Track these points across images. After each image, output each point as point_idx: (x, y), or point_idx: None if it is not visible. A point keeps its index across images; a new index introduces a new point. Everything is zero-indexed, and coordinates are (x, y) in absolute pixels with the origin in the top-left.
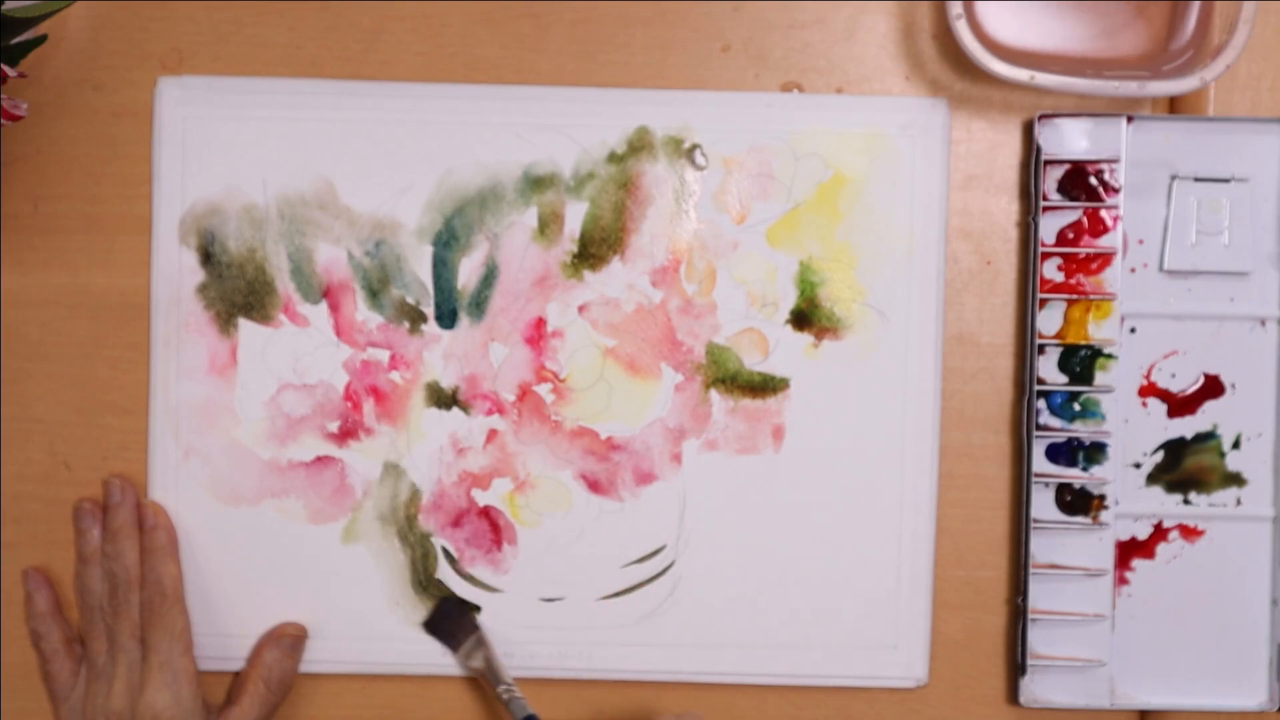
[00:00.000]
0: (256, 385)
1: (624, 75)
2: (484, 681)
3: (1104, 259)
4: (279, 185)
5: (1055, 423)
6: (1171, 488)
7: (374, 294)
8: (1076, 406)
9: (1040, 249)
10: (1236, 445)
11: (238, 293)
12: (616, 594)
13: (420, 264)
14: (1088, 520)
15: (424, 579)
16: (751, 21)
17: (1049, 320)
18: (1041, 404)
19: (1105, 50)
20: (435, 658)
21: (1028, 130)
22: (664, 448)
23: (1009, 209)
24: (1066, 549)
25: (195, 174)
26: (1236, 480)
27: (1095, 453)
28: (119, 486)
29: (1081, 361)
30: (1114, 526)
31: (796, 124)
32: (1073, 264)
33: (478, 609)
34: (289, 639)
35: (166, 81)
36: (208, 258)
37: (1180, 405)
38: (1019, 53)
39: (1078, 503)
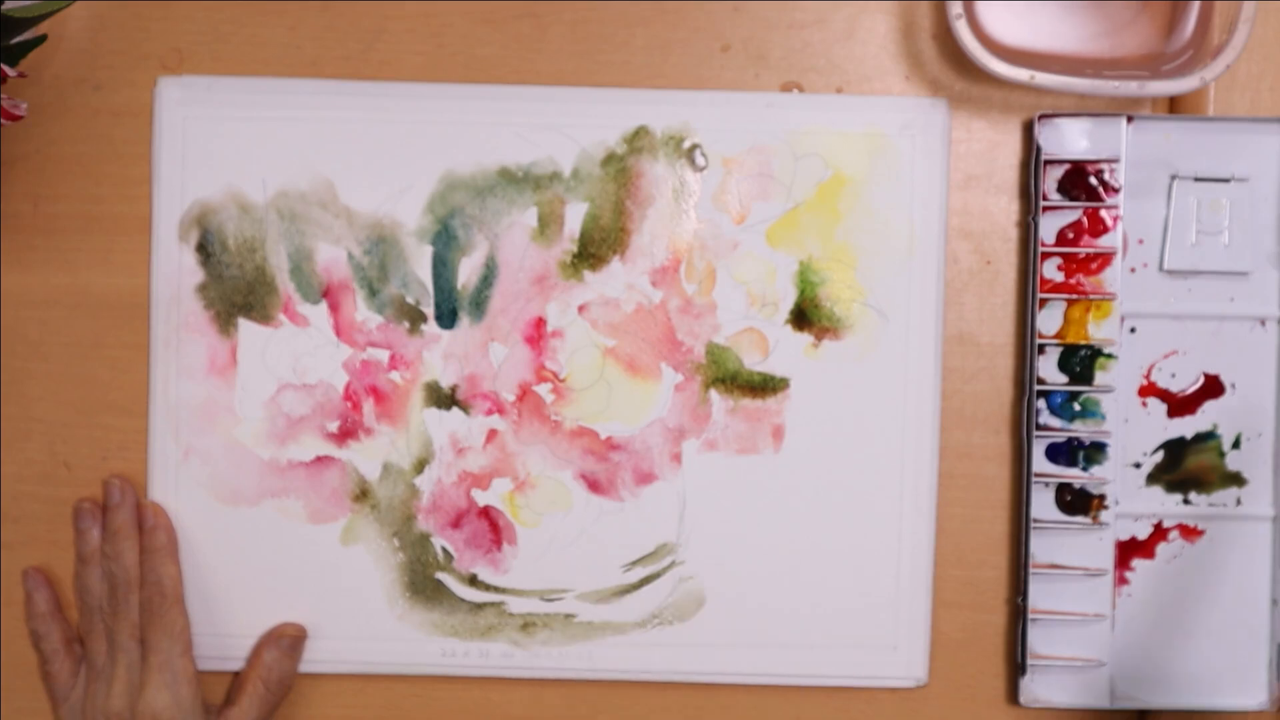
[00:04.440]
0: (256, 385)
1: (624, 75)
2: None
3: (1104, 259)
4: (279, 185)
5: (1055, 423)
6: (1171, 488)
7: (374, 294)
8: (1076, 406)
9: (1040, 249)
10: (1236, 445)
11: (237, 292)
12: (617, 594)
13: (420, 264)
14: (1088, 520)
15: (423, 579)
16: (751, 21)
17: (1049, 320)
18: (1041, 404)
19: (1105, 50)
20: (435, 658)
21: (1028, 130)
22: (664, 448)
23: (1009, 209)
24: (1066, 549)
25: (195, 174)
26: (1236, 480)
27: (1095, 453)
28: (119, 487)
29: (1081, 361)
30: (1114, 526)
31: (796, 124)
32: (1073, 264)
33: None
34: (288, 639)
35: (166, 81)
36: (208, 257)
37: (1180, 405)
38: (1019, 53)
39: (1078, 503)
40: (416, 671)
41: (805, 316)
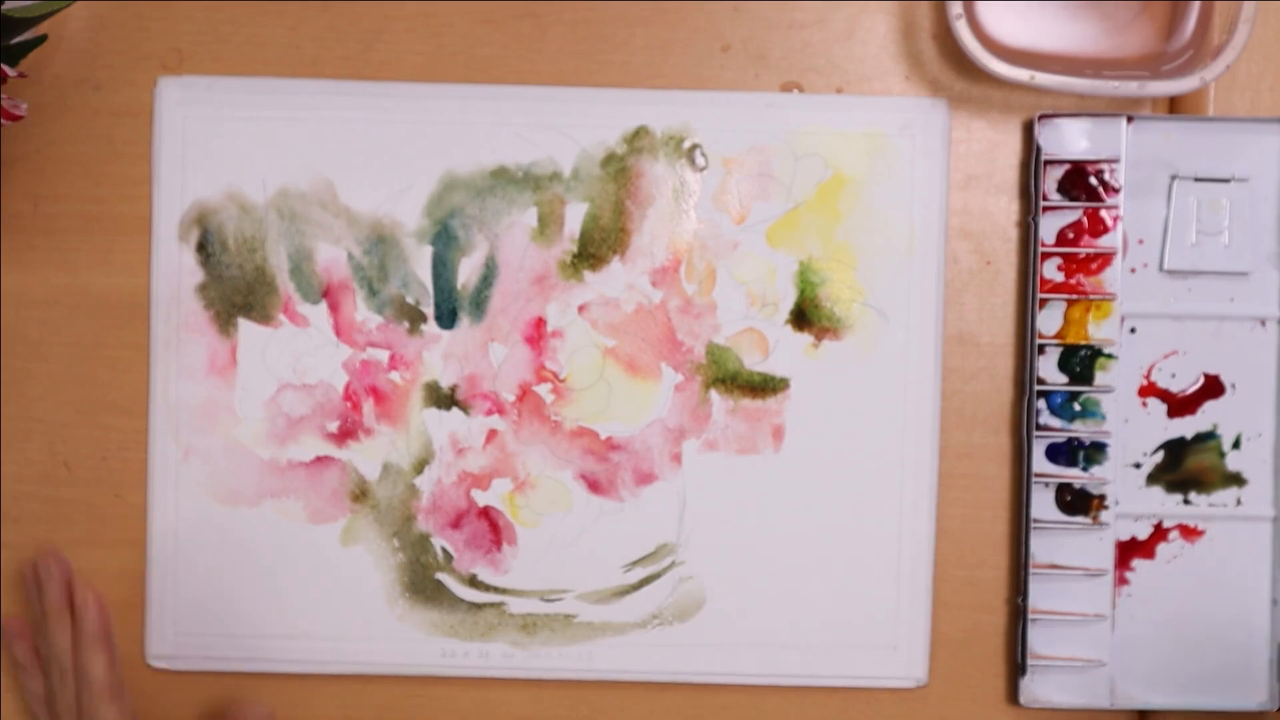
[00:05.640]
0: (256, 385)
1: (624, 75)
2: None
3: (1104, 259)
4: (279, 185)
5: (1055, 423)
6: (1171, 488)
7: (374, 294)
8: (1076, 406)
9: (1040, 249)
10: (1236, 445)
11: (237, 293)
12: (617, 594)
13: (420, 264)
14: (1088, 520)
15: (423, 580)
16: (751, 21)
17: (1049, 320)
18: (1041, 404)
19: (1105, 50)
20: (435, 658)
21: (1028, 130)
22: (664, 448)
23: (1009, 209)
24: (1066, 549)
25: (195, 174)
26: (1236, 480)
27: (1095, 453)
28: (50, 564)
29: (1081, 361)
30: (1114, 526)
31: (796, 124)
32: (1073, 264)
33: None
34: None
35: (166, 81)
36: (208, 257)
37: (1180, 405)
38: (1019, 53)
39: (1078, 503)
40: (416, 672)
41: (805, 316)
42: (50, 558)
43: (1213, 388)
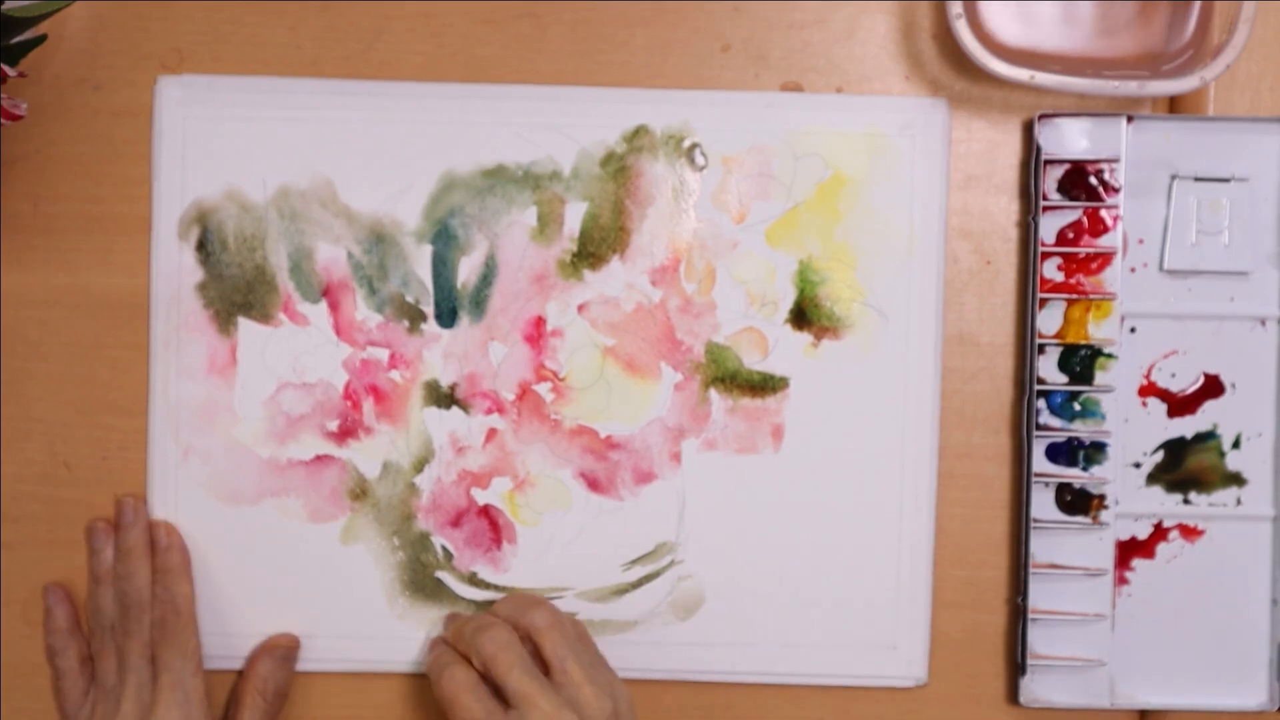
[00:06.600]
0: (256, 384)
1: (624, 75)
2: None
3: (1104, 259)
4: (279, 184)
5: (1055, 422)
6: (1171, 487)
7: (374, 293)
8: (1076, 406)
9: (1040, 249)
10: (1236, 445)
11: (237, 292)
12: (616, 593)
13: (420, 263)
14: (1088, 520)
15: (423, 578)
16: (751, 21)
17: (1049, 320)
18: (1041, 404)
19: (1105, 50)
20: None
21: (1028, 130)
22: (663, 447)
23: (1009, 209)
24: (1066, 549)
25: (195, 174)
26: (1236, 480)
27: (1095, 452)
28: (131, 506)
29: (1081, 361)
30: (1114, 526)
31: (796, 124)
32: (1073, 264)
33: None
34: (282, 649)
35: (166, 81)
36: (207, 257)
37: (1180, 405)
38: (1019, 52)
39: (1078, 502)
40: (416, 670)
41: (805, 316)
42: (132, 499)
43: (1213, 387)
